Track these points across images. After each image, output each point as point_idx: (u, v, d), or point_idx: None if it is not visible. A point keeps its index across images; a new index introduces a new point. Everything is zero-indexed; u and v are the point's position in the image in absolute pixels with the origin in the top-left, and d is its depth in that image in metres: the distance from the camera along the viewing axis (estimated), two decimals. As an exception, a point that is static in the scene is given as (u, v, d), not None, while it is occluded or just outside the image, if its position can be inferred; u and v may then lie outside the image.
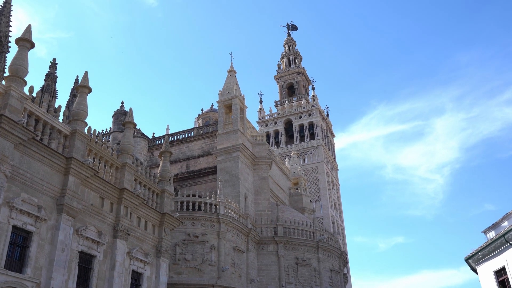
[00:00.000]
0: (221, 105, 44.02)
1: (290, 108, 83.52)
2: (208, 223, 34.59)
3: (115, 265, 20.49)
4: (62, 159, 18.68)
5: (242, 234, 36.96)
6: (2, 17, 37.96)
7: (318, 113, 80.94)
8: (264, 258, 39.14)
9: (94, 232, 19.94)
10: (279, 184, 52.01)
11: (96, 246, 19.96)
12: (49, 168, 18.34)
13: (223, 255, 34.15)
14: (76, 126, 19.95)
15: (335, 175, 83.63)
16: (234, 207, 37.03)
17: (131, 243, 22.22)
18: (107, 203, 21.18)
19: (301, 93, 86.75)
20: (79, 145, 19.70)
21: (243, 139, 42.27)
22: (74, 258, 18.72)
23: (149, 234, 23.69)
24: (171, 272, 32.73)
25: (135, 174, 23.37)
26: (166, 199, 25.36)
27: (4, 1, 38.91)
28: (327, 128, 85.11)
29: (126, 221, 21.62)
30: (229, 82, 45.65)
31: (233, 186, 39.93)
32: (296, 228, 40.90)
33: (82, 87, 21.35)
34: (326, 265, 41.09)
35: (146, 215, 23.62)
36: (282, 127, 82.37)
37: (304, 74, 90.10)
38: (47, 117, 18.81)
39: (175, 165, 47.02)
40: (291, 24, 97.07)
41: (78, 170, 19.14)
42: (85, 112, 20.81)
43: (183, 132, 48.77)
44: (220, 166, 41.22)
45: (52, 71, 33.33)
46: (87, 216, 19.91)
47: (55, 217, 18.16)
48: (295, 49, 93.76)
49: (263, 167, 43.65)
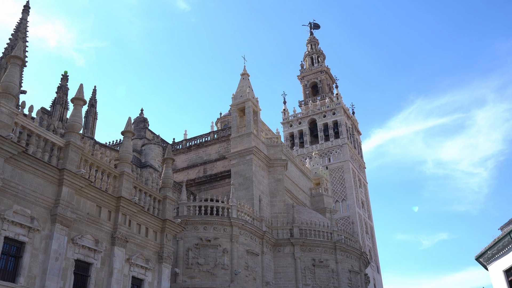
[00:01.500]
0: (234, 108, 44.25)
1: (314, 107, 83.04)
2: (220, 227, 34.84)
3: (113, 272, 20.96)
4: (55, 170, 19.28)
5: (256, 237, 37.03)
6: (18, 33, 39.51)
7: (342, 111, 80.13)
8: (280, 260, 39.06)
9: (90, 240, 20.47)
10: (299, 185, 51.80)
11: (93, 254, 20.48)
12: (42, 180, 18.97)
13: (236, 258, 34.32)
14: (70, 138, 20.53)
15: (363, 173, 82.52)
16: (248, 210, 37.14)
17: (131, 250, 22.66)
18: (104, 211, 21.69)
19: (325, 92, 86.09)
20: (73, 156, 20.27)
21: (257, 142, 42.34)
22: (70, 266, 19.27)
23: (150, 240, 24.10)
24: (184, 277, 33.19)
25: (134, 182, 23.80)
26: (168, 205, 25.71)
27: (20, 18, 40.47)
28: (352, 126, 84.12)
29: (124, 228, 22.08)
30: (242, 85, 45.84)
31: (247, 189, 40.07)
32: (313, 229, 40.62)
33: (77, 99, 21.94)
34: (345, 266, 40.61)
35: (147, 221, 24.04)
36: (306, 127, 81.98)
37: (328, 73, 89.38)
38: (39, 131, 19.45)
39: (193, 170, 47.62)
40: (314, 23, 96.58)
41: (72, 181, 19.71)
42: (80, 124, 21.39)
43: (200, 137, 49.30)
44: (234, 169, 41.46)
45: (63, 83, 34.40)
46: (83, 225, 20.45)
47: (49, 227, 18.76)
48: (318, 48, 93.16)
49: (278, 169, 43.58)
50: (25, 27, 40.28)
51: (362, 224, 73.11)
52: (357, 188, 75.91)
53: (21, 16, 40.50)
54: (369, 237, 74.26)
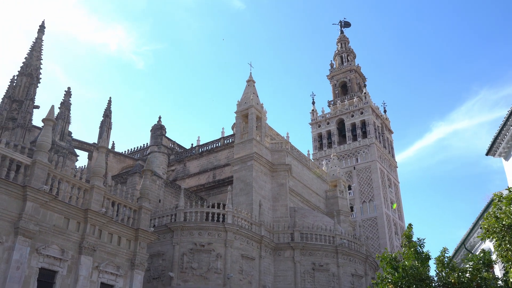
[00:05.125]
0: (239, 115, 45.33)
1: (342, 107, 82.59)
2: (215, 232, 36.10)
3: (79, 279, 22.75)
4: (18, 187, 21.27)
5: (253, 241, 37.99)
6: (33, 52, 42.54)
7: (370, 110, 79.19)
8: (280, 264, 39.82)
9: (56, 250, 22.34)
10: (312, 187, 52.11)
11: (59, 262, 22.35)
12: (6, 196, 21.01)
13: (230, 263, 35.46)
14: (36, 157, 22.49)
15: (393, 173, 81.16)
16: (245, 215, 38.15)
17: (101, 258, 24.38)
18: (73, 222, 23.53)
19: (354, 91, 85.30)
20: (39, 173, 22.21)
21: (259, 148, 43.21)
22: (33, 274, 21.21)
23: (122, 248, 25.73)
24: (179, 280, 34.74)
25: (107, 194, 25.50)
26: (144, 215, 27.26)
27: (36, 37, 43.50)
28: (382, 125, 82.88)
29: (92, 238, 23.82)
30: (247, 92, 46.84)
31: (247, 194, 41.10)
32: (314, 233, 41.00)
33: (47, 120, 23.90)
34: (347, 270, 40.72)
35: (119, 231, 25.70)
36: (334, 127, 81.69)
37: (358, 72, 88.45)
38: (5, 152, 21.50)
39: (204, 175, 49.22)
40: (344, 21, 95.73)
41: (35, 196, 21.62)
42: (48, 143, 23.33)
43: (212, 143, 50.82)
44: (236, 175, 42.59)
45: (66, 99, 36.83)
46: (49, 236, 22.35)
47: (12, 239, 20.75)
48: (348, 47, 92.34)
49: (281, 173, 44.25)
50: (40, 46, 43.35)
51: (390, 225, 72.06)
52: (386, 188, 74.81)
53: (37, 35, 43.61)
54: (398, 238, 73.03)
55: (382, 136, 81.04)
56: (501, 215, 9.38)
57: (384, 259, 15.29)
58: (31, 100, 39.84)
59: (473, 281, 13.11)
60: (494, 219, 9.65)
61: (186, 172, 50.70)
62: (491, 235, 9.82)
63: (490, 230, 9.78)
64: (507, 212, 9.46)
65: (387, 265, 14.89)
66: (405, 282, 12.98)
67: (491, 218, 9.76)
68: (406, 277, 13.11)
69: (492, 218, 9.76)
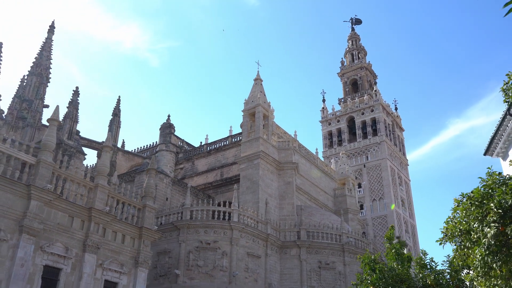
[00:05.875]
0: (246, 113, 45.49)
1: (352, 105, 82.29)
2: (221, 230, 36.37)
3: (83, 276, 23.15)
4: (23, 186, 21.71)
5: (259, 239, 38.18)
6: (43, 52, 43.20)
7: (380, 108, 78.78)
8: (286, 262, 39.96)
9: (60, 247, 22.76)
10: (320, 185, 52.13)
11: (63, 260, 22.77)
12: (11, 195, 21.45)
13: (235, 261, 35.70)
14: (41, 156, 22.92)
15: (404, 171, 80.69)
16: (251, 214, 38.35)
17: (105, 256, 24.77)
18: (77, 221, 23.93)
19: (365, 88, 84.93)
20: (43, 172, 22.63)
21: (265, 146, 43.35)
22: (38, 272, 21.64)
23: (126, 246, 26.10)
24: (185, 278, 35.10)
25: (111, 193, 25.87)
26: (148, 213, 27.58)
27: (46, 37, 44.16)
28: (393, 122, 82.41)
29: (96, 236, 24.20)
30: (254, 91, 46.96)
31: (253, 192, 41.29)
32: (320, 232, 41.06)
33: (51, 120, 24.32)
34: (354, 268, 40.67)
35: (123, 229, 26.07)
36: (345, 125, 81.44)
37: (369, 69, 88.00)
38: (10, 152, 21.96)
39: (212, 173, 49.52)
40: (355, 18, 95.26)
41: (39, 195, 22.05)
42: (53, 143, 23.74)
43: (220, 141, 51.09)
44: (242, 173, 42.81)
45: (74, 98, 37.34)
46: (53, 234, 22.78)
47: (17, 237, 21.20)
48: (359, 44, 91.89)
49: (288, 172, 44.34)
50: (50, 46, 43.98)
51: (400, 223, 71.72)
52: (396, 186, 74.43)
53: (47, 35, 44.26)
54: (409, 236, 72.69)
55: (393, 134, 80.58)
56: (461, 219, 9.43)
57: (364, 260, 15.42)
58: (41, 99, 40.53)
59: (452, 282, 13.14)
60: (452, 224, 9.70)
61: (194, 170, 51.06)
62: (448, 240, 9.87)
63: (448, 234, 9.83)
64: (461, 218, 9.49)
65: (365, 266, 15.01)
66: (382, 284, 13.06)
67: (451, 223, 9.81)
68: (383, 278, 13.19)
69: (451, 223, 9.81)
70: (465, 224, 9.09)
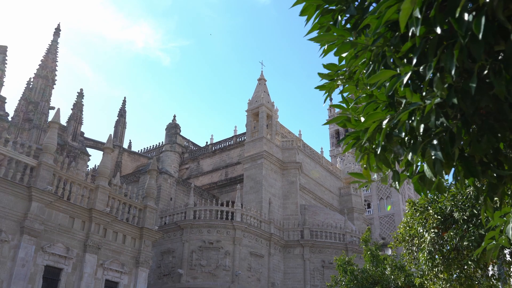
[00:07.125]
0: (249, 113, 45.70)
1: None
2: (224, 230, 36.67)
3: (83, 276, 23.58)
4: (24, 188, 22.16)
5: (262, 239, 38.42)
6: (49, 54, 43.83)
7: (387, 106, 78.50)
8: (290, 261, 40.16)
9: (61, 248, 23.21)
10: (325, 185, 52.19)
11: (64, 260, 23.21)
12: (13, 197, 21.93)
13: (238, 260, 35.98)
14: (42, 159, 23.36)
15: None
16: (254, 213, 38.59)
17: (105, 256, 25.18)
18: (78, 221, 24.37)
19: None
20: (44, 174, 23.08)
21: (269, 146, 43.52)
22: (39, 272, 22.10)
23: (127, 246, 26.49)
24: (188, 277, 35.47)
25: (112, 194, 26.27)
26: (149, 214, 27.95)
27: (51, 40, 44.80)
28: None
29: (96, 236, 24.62)
30: (258, 91, 47.14)
31: (257, 192, 41.50)
32: (324, 231, 41.17)
33: (53, 122, 24.76)
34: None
35: (123, 229, 26.46)
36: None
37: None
38: (12, 154, 22.42)
39: (216, 173, 49.82)
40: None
41: (40, 196, 22.49)
42: (54, 145, 24.17)
43: (224, 141, 51.34)
44: (246, 173, 43.04)
45: (78, 100, 37.85)
46: (54, 235, 23.22)
47: (18, 238, 21.66)
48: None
49: (292, 171, 44.47)
50: (56, 48, 44.59)
51: (408, 222, 71.43)
52: (404, 184, 74.19)
53: (52, 38, 44.90)
54: (416, 235, 72.36)
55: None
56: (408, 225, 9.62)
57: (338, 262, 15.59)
58: (47, 101, 41.14)
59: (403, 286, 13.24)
60: (403, 228, 9.86)
61: (199, 170, 51.40)
62: (398, 244, 10.02)
63: (398, 239, 10.00)
64: (407, 224, 9.64)
65: (339, 268, 15.17)
66: (353, 286, 13.22)
67: (402, 227, 9.98)
68: (355, 280, 13.36)
69: (402, 228, 9.97)
70: (413, 230, 9.29)
